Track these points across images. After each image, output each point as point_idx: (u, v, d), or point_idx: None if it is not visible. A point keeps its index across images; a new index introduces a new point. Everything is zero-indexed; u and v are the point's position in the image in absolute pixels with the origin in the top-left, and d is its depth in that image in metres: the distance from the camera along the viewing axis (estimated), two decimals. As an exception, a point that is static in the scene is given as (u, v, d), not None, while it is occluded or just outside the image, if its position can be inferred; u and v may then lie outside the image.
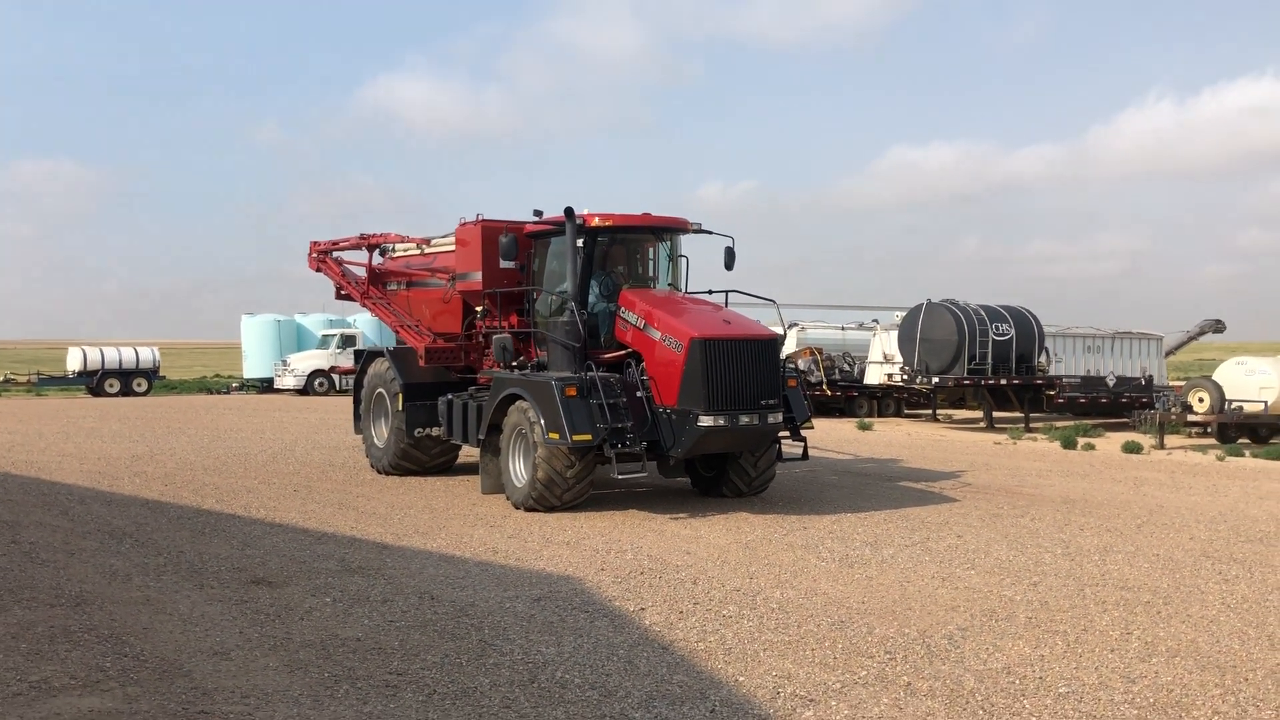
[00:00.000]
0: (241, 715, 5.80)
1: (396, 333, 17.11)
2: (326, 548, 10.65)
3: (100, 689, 6.19)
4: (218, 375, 61.30)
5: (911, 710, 6.04)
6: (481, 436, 13.82)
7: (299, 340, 45.27)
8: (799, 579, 9.39)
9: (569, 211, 12.95)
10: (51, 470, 17.16)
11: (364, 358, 17.54)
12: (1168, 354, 35.98)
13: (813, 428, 14.09)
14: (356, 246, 17.94)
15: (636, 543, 10.98)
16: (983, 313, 27.39)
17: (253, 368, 45.02)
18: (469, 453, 17.10)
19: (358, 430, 17.40)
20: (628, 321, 13.08)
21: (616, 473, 12.20)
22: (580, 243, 13.19)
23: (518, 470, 13.07)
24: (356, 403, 17.42)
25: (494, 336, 13.88)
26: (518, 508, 12.88)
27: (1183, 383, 30.11)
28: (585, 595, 8.73)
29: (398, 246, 17.37)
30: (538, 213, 13.88)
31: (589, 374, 12.58)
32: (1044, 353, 28.78)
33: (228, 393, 45.39)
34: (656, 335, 12.58)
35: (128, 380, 42.58)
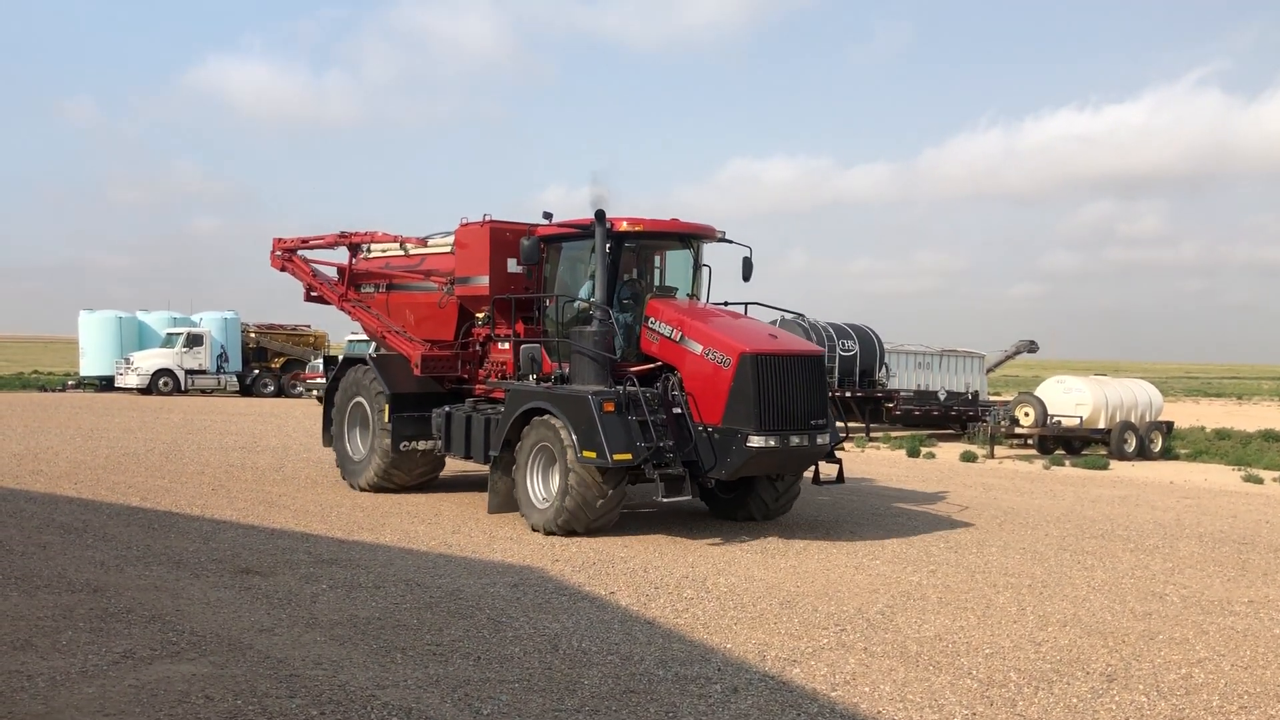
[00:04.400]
0: (327, 677, 6.64)
1: (383, 339, 16.02)
2: (285, 542, 11.29)
3: (185, 658, 6.90)
4: (37, 371, 58.45)
5: (876, 668, 7.38)
6: (494, 453, 13.02)
7: (140, 338, 44.01)
8: (734, 567, 10.68)
9: (600, 215, 12.40)
10: (-60, 467, 16.86)
11: (340, 365, 16.47)
12: (988, 371, 39.32)
13: (845, 450, 14.14)
14: (333, 245, 17.01)
15: (575, 539, 12.02)
16: (831, 330, 29.60)
17: (91, 365, 43.45)
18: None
19: (327, 442, 16.39)
20: (657, 332, 12.50)
21: (662, 496, 11.48)
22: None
23: (537, 490, 12.42)
24: (327, 413, 16.42)
25: (522, 346, 12.95)
26: (538, 530, 12.17)
27: (1003, 397, 33.07)
28: (556, 582, 9.76)
29: (373, 246, 16.60)
30: (547, 215, 13.41)
31: (629, 388, 11.96)
32: (883, 368, 31.25)
33: (63, 390, 43.67)
34: (696, 348, 12.01)
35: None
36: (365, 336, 39.78)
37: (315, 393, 39.08)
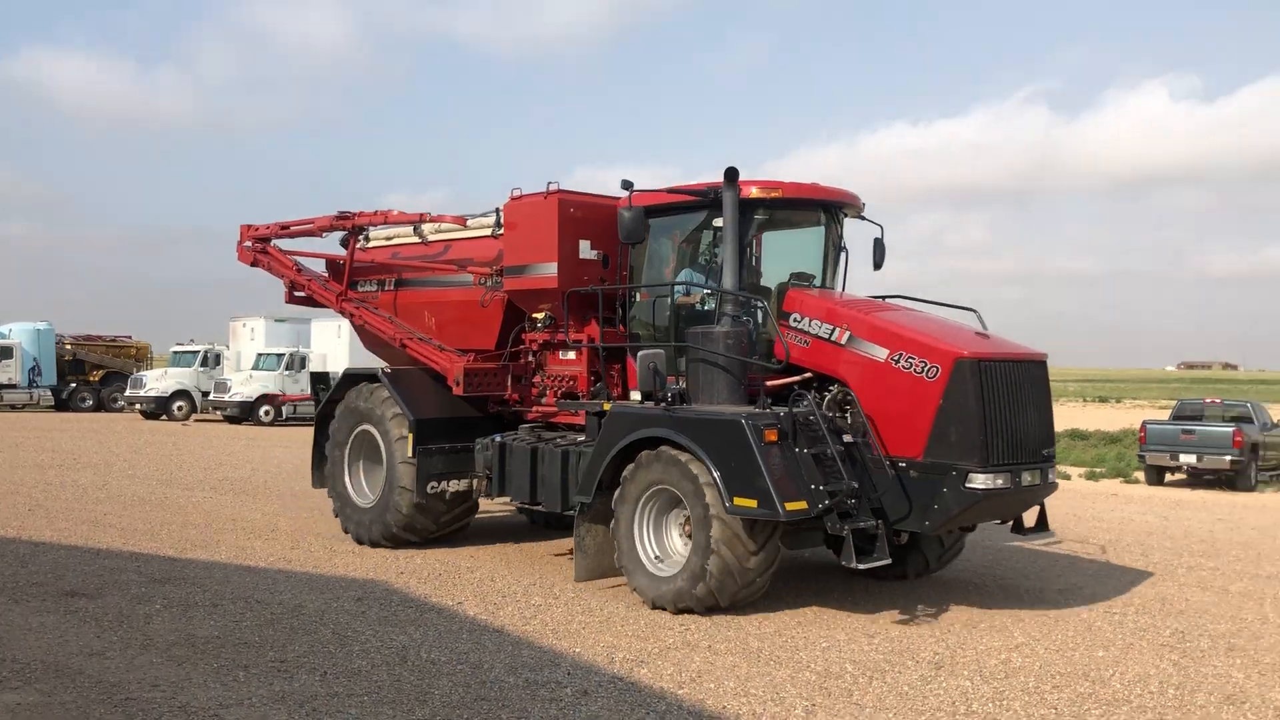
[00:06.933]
0: (166, 699, 6.43)
1: (403, 349, 12.53)
2: (113, 562, 10.81)
3: (8, 687, 6.55)
4: None
5: (720, 665, 7.61)
6: (585, 499, 9.92)
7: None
8: (580, 574, 10.80)
9: (733, 174, 9.44)
10: None
11: (339, 383, 12.96)
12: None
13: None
14: (326, 230, 13.48)
15: (419, 550, 11.91)
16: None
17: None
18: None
19: (318, 483, 13.01)
20: (804, 332, 9.68)
21: (854, 561, 8.55)
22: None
23: (649, 550, 9.47)
24: (318, 445, 13.05)
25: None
26: (659, 607, 9.16)
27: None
28: (401, 594, 9.67)
29: (372, 232, 13.40)
30: (627, 184, 10.03)
31: (795, 408, 9.14)
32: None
33: None
34: (878, 353, 9.14)
35: None
36: (194, 347, 38.54)
37: (138, 406, 37.39)
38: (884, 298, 10.52)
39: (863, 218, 10.78)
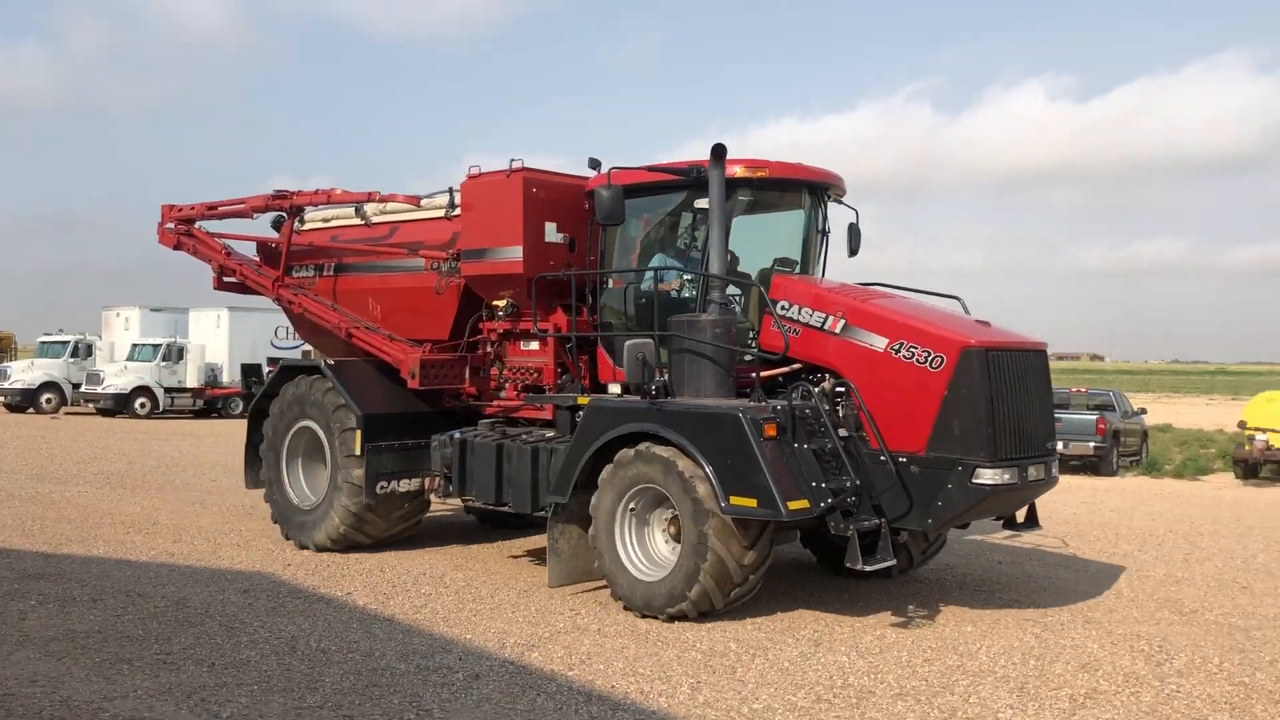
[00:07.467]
0: (46, 694, 6.33)
1: (349, 339, 11.79)
2: (-17, 559, 10.49)
3: (-121, 686, 6.37)
4: None
5: (609, 646, 7.81)
6: (560, 499, 9.34)
7: None
8: (470, 562, 10.90)
9: (719, 151, 8.94)
10: None
11: (277, 375, 12.15)
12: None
13: None
14: (258, 211, 12.56)
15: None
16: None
17: None
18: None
19: (252, 483, 12.23)
20: (794, 321, 9.10)
21: (860, 563, 8.11)
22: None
23: (632, 553, 8.96)
24: (252, 442, 12.26)
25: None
26: (644, 613, 8.68)
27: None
28: (289, 586, 9.62)
29: (308, 213, 12.56)
30: (594, 163, 9.75)
31: (794, 400, 8.70)
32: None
33: None
34: (877, 342, 8.65)
35: None
36: (64, 337, 37.09)
37: (2, 399, 35.86)
38: (864, 285, 10.07)
39: (841, 202, 10.38)
